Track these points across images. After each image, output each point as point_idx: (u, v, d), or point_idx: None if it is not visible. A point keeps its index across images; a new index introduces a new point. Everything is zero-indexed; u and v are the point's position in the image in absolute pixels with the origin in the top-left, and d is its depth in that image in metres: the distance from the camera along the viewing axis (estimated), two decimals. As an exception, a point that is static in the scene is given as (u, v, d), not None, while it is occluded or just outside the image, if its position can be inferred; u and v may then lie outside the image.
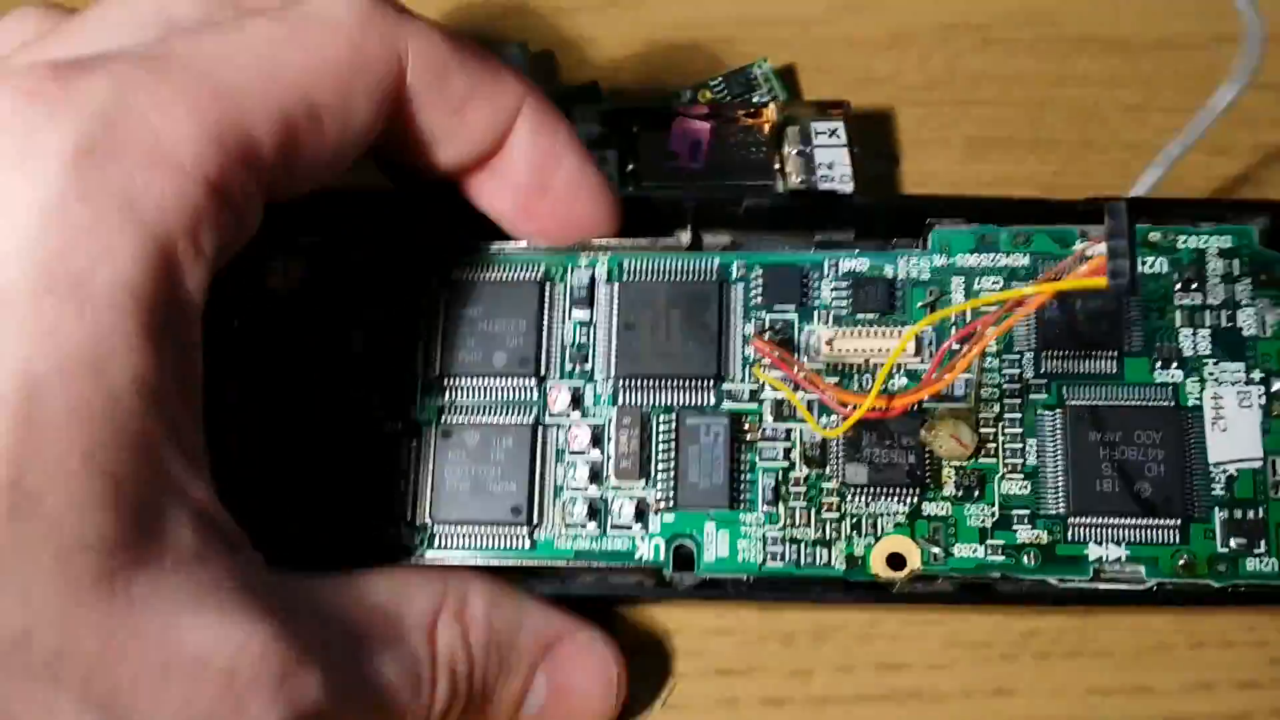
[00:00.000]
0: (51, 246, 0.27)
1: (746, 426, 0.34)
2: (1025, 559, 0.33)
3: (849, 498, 0.34)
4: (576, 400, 0.35)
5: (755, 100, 0.41)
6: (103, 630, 0.26)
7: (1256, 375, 0.34)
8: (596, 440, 0.35)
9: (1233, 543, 0.33)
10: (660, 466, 0.34)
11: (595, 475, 0.34)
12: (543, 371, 0.35)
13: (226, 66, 0.29)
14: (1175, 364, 0.34)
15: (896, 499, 0.34)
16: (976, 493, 0.34)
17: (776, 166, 0.39)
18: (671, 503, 0.34)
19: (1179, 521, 0.33)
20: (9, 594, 0.25)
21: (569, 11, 0.44)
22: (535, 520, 0.34)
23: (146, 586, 0.27)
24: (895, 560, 0.33)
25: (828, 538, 0.34)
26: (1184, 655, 0.35)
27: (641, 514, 0.34)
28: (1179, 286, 0.34)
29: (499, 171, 0.34)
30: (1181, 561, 0.33)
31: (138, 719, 0.26)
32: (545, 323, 0.36)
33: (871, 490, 0.34)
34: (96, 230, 0.27)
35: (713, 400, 0.35)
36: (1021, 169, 0.41)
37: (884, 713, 0.35)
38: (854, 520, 0.34)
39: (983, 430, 0.34)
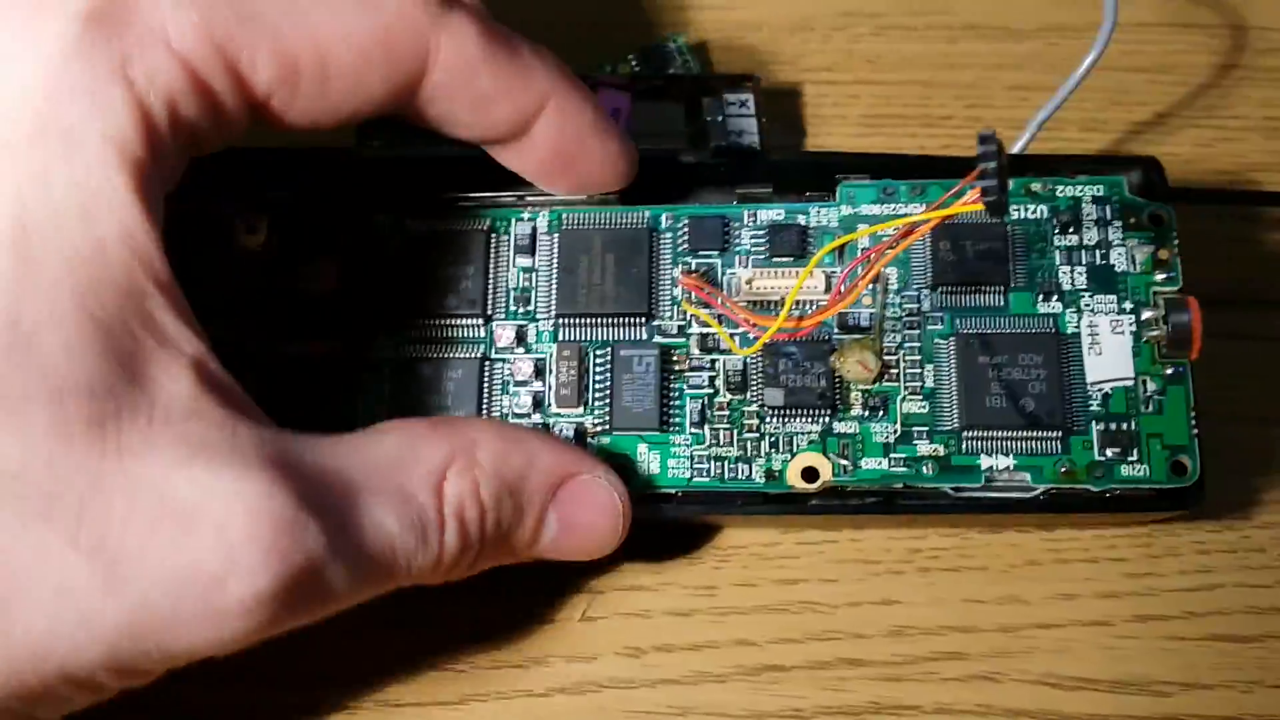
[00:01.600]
0: (49, 100, 0.28)
1: (675, 358, 0.37)
2: (924, 469, 0.36)
3: (767, 419, 0.37)
4: (520, 338, 0.38)
5: (671, 73, 0.44)
6: (93, 475, 0.27)
7: (1128, 306, 0.37)
8: (539, 372, 0.38)
9: (1108, 452, 0.36)
10: (596, 395, 0.37)
11: (538, 404, 0.37)
12: (489, 312, 0.38)
13: None
14: (1055, 297, 0.37)
15: (810, 419, 0.37)
16: (881, 412, 0.37)
17: (691, 134, 0.42)
18: (607, 426, 0.37)
19: (1060, 433, 0.36)
20: (6, 431, 0.26)
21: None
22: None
23: (136, 436, 0.27)
24: (809, 473, 0.36)
25: (749, 455, 0.37)
26: (1051, 569, 0.39)
27: (580, 437, 0.37)
28: (1057, 230, 0.38)
29: (523, 149, 0.36)
30: (1063, 469, 0.36)
31: (125, 564, 0.27)
32: (491, 268, 0.38)
33: (787, 411, 0.37)
34: (92, 89, 0.28)
35: (644, 336, 0.38)
36: (912, 142, 0.45)
37: (781, 621, 0.38)
38: (772, 439, 0.37)
39: (885, 357, 0.37)
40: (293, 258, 0.38)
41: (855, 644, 0.38)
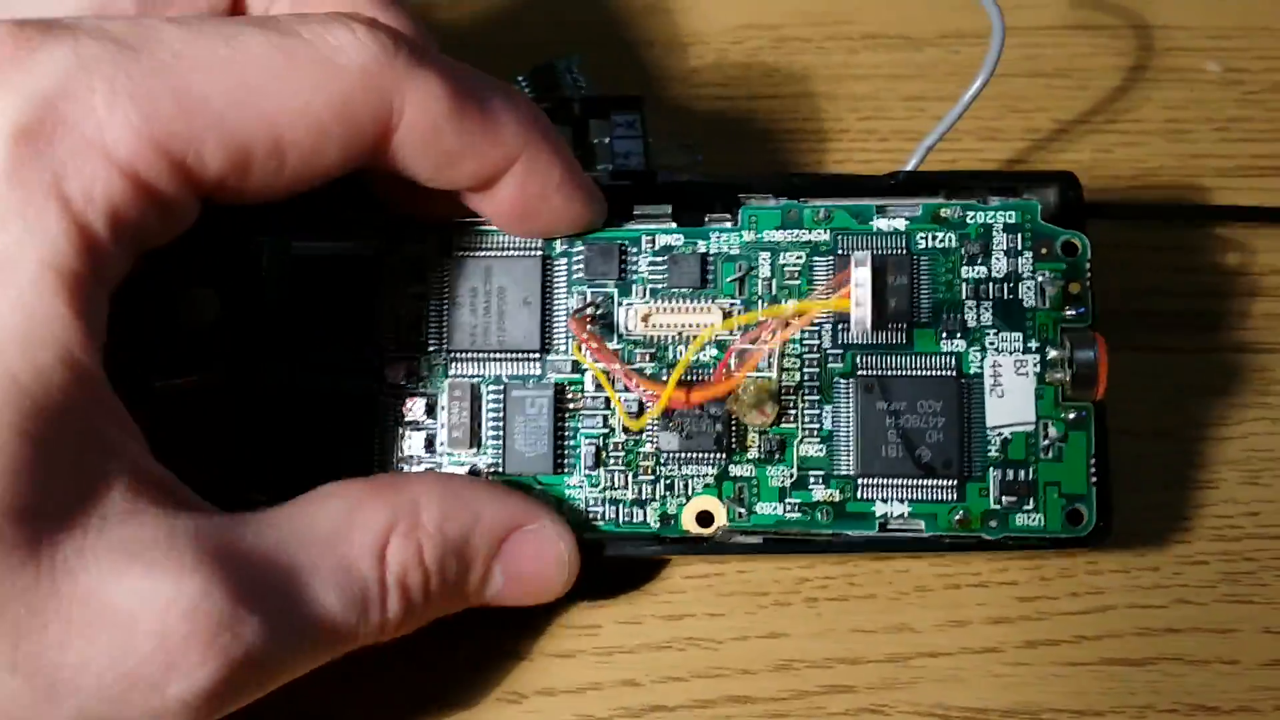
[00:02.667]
0: None
1: (570, 396, 0.37)
2: (819, 515, 0.36)
3: (663, 462, 0.37)
4: (411, 373, 0.37)
5: (559, 96, 0.43)
6: (29, 596, 0.27)
7: (1033, 344, 0.36)
8: (430, 411, 0.37)
9: (1004, 500, 0.36)
10: (490, 434, 0.37)
11: (430, 444, 0.37)
12: (379, 344, 0.37)
13: (202, 79, 0.29)
14: (959, 334, 0.36)
15: (705, 462, 0.36)
16: (777, 455, 0.36)
17: (581, 155, 0.41)
18: (500, 469, 0.37)
19: (955, 482, 0.36)
20: None
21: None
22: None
23: (71, 550, 0.27)
24: (704, 518, 0.36)
25: (643, 498, 0.36)
26: (941, 595, 0.39)
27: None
28: (965, 261, 0.37)
29: (487, 199, 0.35)
30: (958, 517, 0.36)
31: (64, 680, 0.27)
32: (380, 299, 0.38)
33: (683, 456, 0.36)
34: (25, 212, 0.27)
35: (538, 371, 0.37)
36: (810, 157, 0.44)
37: (666, 659, 0.38)
38: (667, 482, 0.36)
39: (784, 398, 0.36)
40: (170, 288, 0.37)
41: (741, 680, 0.38)
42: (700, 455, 0.37)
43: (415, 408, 0.37)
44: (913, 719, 0.37)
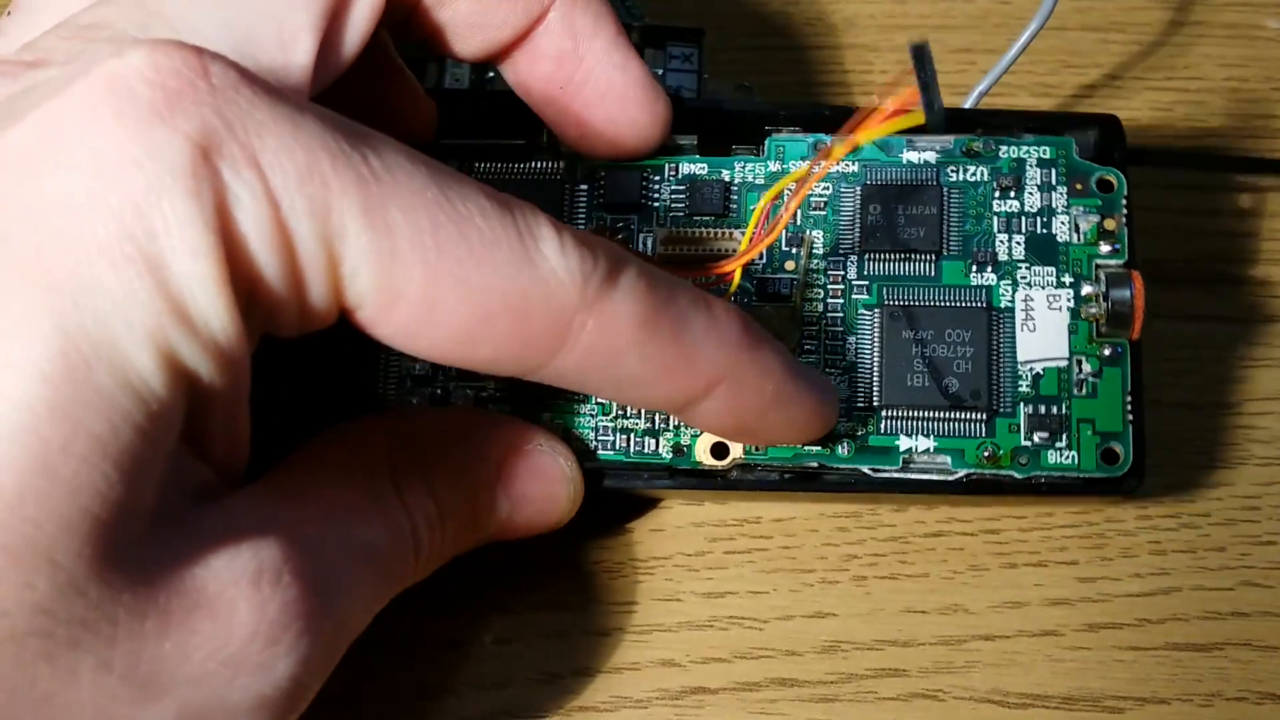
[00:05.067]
0: None
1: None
2: (840, 449, 0.34)
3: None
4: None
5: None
6: (122, 597, 0.25)
7: (1067, 279, 0.34)
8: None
9: (1036, 437, 0.33)
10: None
11: (437, 368, 0.35)
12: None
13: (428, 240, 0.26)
14: (990, 267, 0.35)
15: None
16: (799, 386, 0.35)
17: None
18: (508, 396, 0.35)
19: (984, 415, 0.34)
20: (33, 569, 0.24)
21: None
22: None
23: (157, 547, 0.26)
24: (719, 449, 0.34)
25: (656, 428, 0.34)
26: (997, 575, 0.37)
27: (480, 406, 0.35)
28: (997, 194, 0.35)
29: (688, 414, 0.31)
30: (986, 453, 0.33)
31: (164, 671, 0.25)
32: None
33: None
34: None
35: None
36: (851, 109, 0.42)
37: (707, 639, 0.36)
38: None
39: (806, 327, 0.35)
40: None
41: (787, 662, 0.36)
42: None
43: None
44: (968, 704, 0.35)
